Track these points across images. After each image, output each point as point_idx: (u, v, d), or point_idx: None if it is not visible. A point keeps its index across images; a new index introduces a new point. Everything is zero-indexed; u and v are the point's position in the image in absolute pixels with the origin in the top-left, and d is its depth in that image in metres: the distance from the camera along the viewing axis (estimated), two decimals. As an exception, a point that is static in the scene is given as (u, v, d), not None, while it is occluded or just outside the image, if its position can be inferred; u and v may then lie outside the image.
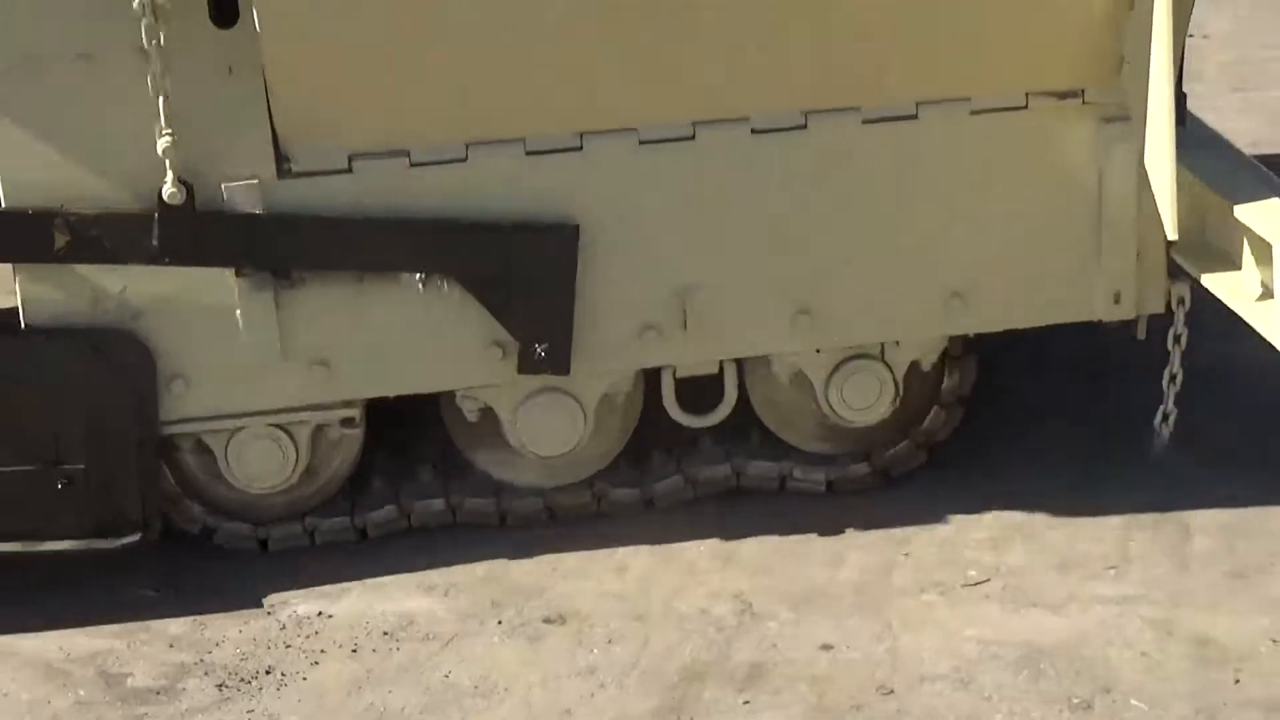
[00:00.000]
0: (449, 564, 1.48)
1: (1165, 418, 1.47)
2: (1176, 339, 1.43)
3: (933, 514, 1.52)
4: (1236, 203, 1.33)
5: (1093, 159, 1.40)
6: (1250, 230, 1.29)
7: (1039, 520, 1.49)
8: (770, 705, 1.22)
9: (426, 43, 1.28)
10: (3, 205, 1.37)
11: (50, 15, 1.30)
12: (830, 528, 1.51)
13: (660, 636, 1.33)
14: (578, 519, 1.54)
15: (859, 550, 1.47)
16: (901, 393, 1.51)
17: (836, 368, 1.48)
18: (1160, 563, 1.40)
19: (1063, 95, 1.39)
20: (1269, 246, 1.25)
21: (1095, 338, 1.59)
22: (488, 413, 1.46)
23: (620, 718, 1.21)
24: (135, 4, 1.22)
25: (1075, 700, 1.18)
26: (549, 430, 1.45)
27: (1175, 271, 1.44)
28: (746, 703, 1.23)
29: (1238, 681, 1.19)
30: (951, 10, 1.31)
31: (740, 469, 1.55)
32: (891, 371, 1.49)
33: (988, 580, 1.38)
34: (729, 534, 1.51)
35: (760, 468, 1.56)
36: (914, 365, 1.50)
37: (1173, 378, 1.45)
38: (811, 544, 1.49)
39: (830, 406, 1.49)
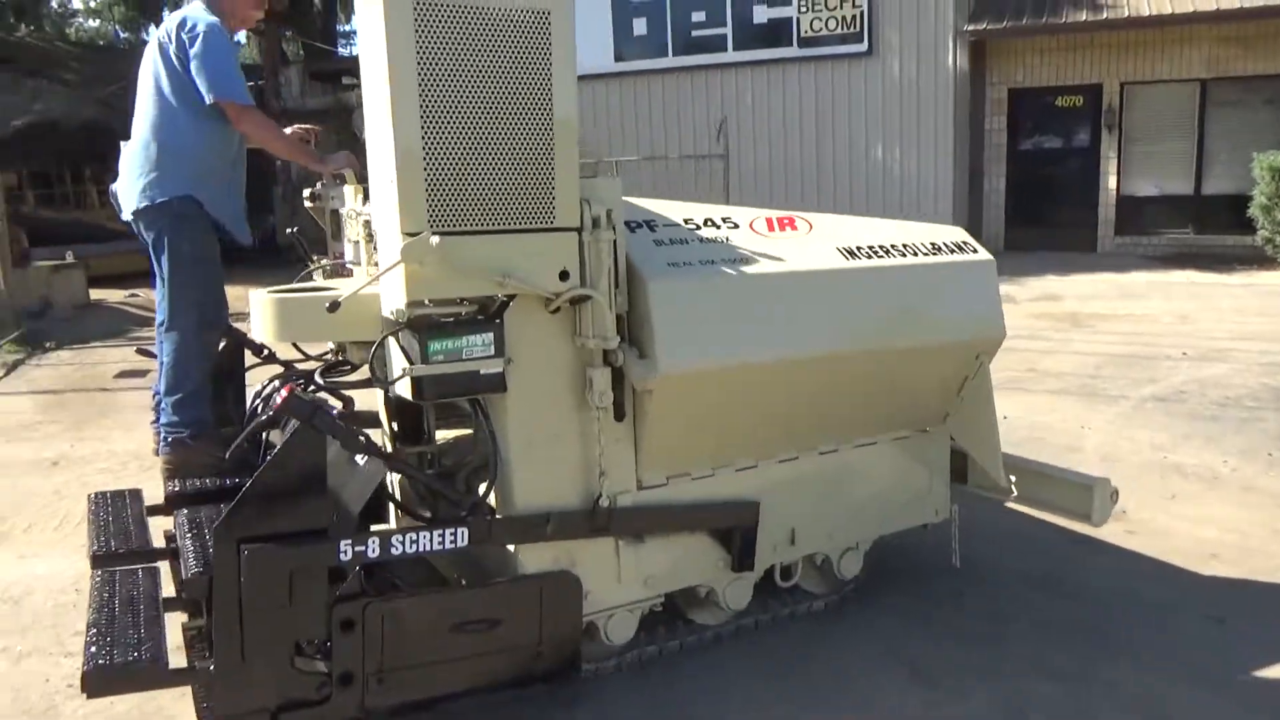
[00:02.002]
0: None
1: (956, 556, 3.34)
2: (954, 521, 3.34)
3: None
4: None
5: (928, 455, 3.26)
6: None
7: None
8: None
9: (721, 430, 2.79)
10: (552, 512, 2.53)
11: (544, 415, 2.59)
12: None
13: None
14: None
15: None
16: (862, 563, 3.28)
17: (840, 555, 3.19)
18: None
19: (922, 430, 3.23)
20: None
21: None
22: (711, 591, 2.98)
23: None
24: (594, 411, 2.53)
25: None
26: (737, 597, 3.01)
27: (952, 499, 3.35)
28: None
29: None
30: (904, 406, 3.09)
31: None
32: (859, 552, 3.22)
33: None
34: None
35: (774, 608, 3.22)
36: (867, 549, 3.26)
37: (954, 536, 3.35)
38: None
39: (838, 572, 3.19)
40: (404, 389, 2.40)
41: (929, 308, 2.97)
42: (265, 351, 3.30)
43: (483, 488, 2.58)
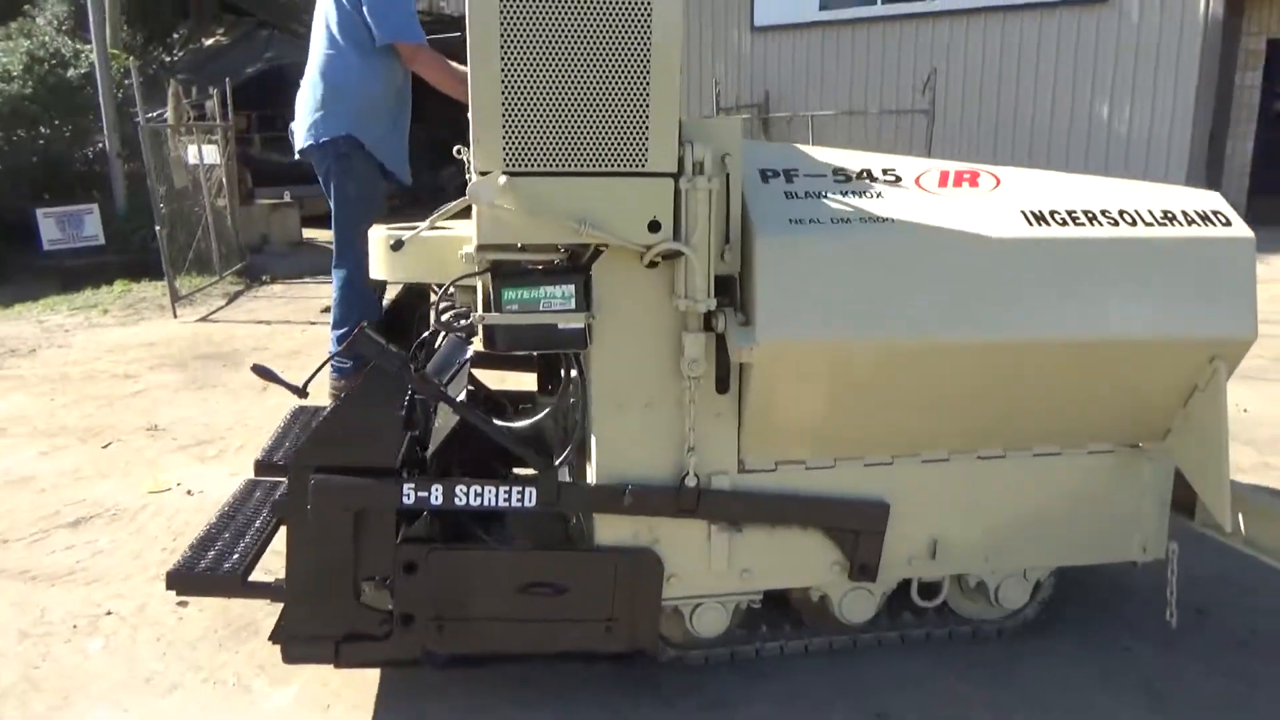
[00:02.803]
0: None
1: (1171, 613, 2.66)
2: (1172, 571, 2.69)
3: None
4: None
5: (1140, 478, 2.65)
6: None
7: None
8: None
9: (839, 415, 2.39)
10: (632, 484, 2.30)
11: (635, 379, 2.33)
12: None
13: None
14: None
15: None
16: (1032, 593, 2.78)
17: (1001, 580, 2.71)
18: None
19: (1131, 446, 2.62)
20: None
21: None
22: (824, 597, 2.64)
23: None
24: (686, 381, 2.28)
25: None
26: (856, 609, 2.64)
27: (1170, 536, 2.73)
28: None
29: None
30: (1100, 413, 2.51)
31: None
32: (1028, 581, 2.75)
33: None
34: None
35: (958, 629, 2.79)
36: (1038, 579, 2.77)
37: (1171, 591, 2.67)
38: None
39: (995, 600, 2.73)
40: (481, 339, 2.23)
41: (1146, 293, 2.35)
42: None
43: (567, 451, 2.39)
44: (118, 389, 5.42)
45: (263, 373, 2.21)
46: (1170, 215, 2.44)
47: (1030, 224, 2.36)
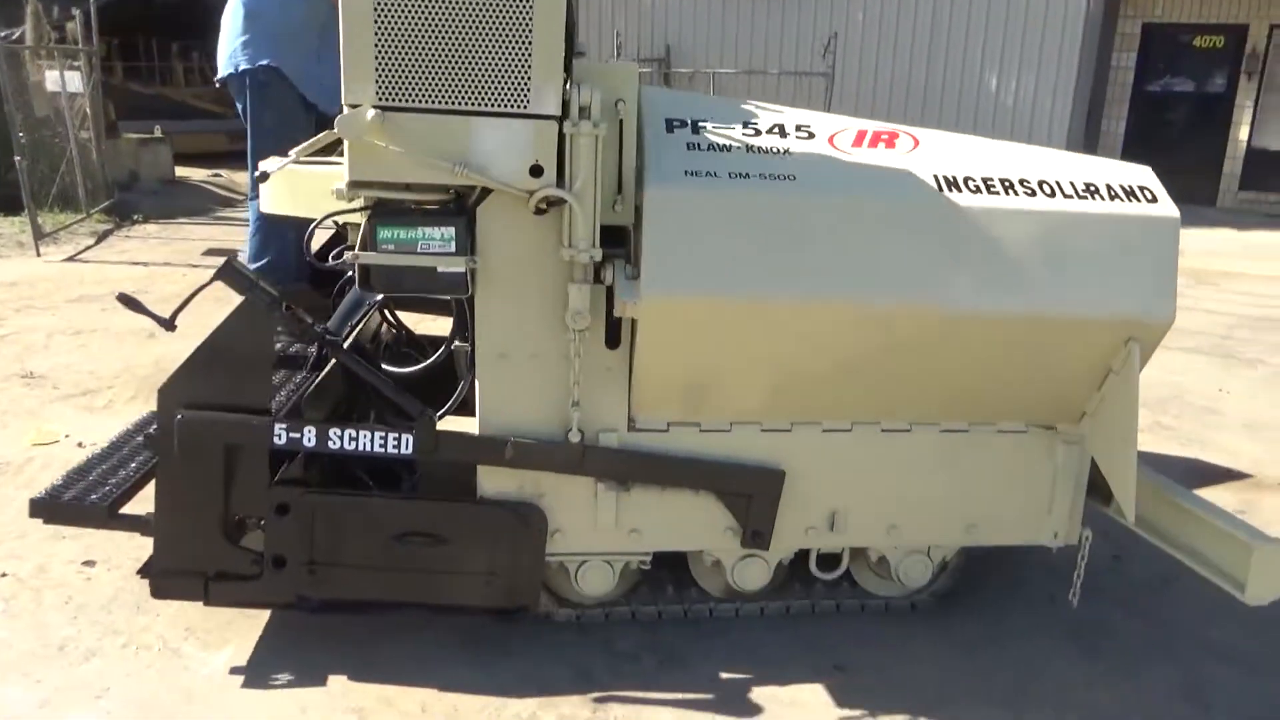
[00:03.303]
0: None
1: (1073, 594, 2.59)
2: (1082, 557, 2.61)
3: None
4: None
5: (1053, 461, 2.55)
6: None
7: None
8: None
9: (730, 377, 2.34)
10: (515, 437, 2.24)
11: (520, 329, 2.27)
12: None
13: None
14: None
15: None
16: (935, 572, 2.71)
17: (903, 557, 2.64)
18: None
19: (1046, 427, 2.52)
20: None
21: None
22: (717, 563, 2.59)
23: None
24: (571, 334, 2.21)
25: None
26: (749, 577, 2.59)
27: (1085, 522, 2.63)
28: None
29: None
30: (1009, 389, 2.40)
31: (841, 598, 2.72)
32: (931, 560, 2.68)
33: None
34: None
35: (849, 602, 2.73)
36: (943, 557, 2.70)
37: (1078, 576, 2.61)
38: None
39: (897, 577, 2.67)
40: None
41: (1060, 268, 2.24)
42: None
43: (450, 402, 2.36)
44: (-20, 332, 4.93)
45: (129, 302, 2.19)
46: (1093, 188, 2.31)
47: (941, 189, 2.25)
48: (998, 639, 2.67)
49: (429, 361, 2.41)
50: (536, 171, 2.08)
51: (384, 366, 2.54)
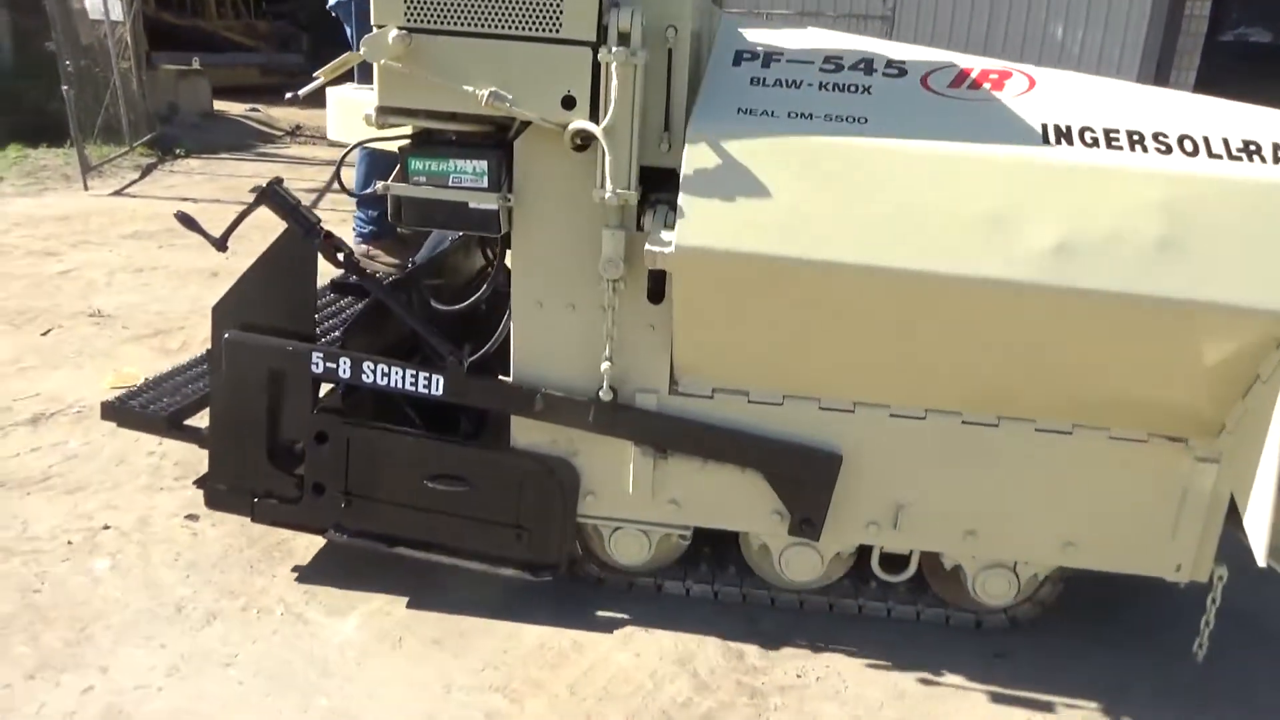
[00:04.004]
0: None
1: (1200, 646, 2.18)
2: (1212, 599, 2.17)
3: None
4: None
5: (1181, 481, 2.10)
6: None
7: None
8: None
9: (776, 345, 2.09)
10: (546, 389, 2.15)
11: (557, 276, 2.15)
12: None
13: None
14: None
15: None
16: (1021, 590, 2.33)
17: (982, 569, 2.29)
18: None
19: (1172, 439, 2.09)
20: None
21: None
22: (764, 547, 2.36)
23: None
24: (604, 284, 2.02)
25: None
26: (799, 567, 2.34)
27: (1218, 559, 2.16)
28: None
29: None
30: (1120, 387, 2.00)
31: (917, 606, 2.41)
32: (1018, 576, 2.31)
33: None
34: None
35: (930, 611, 2.41)
36: (1033, 575, 2.32)
37: (1207, 623, 2.18)
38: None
39: (974, 590, 2.33)
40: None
41: (1194, 243, 1.80)
42: None
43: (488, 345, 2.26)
44: (40, 267, 4.77)
45: (186, 221, 2.25)
46: (1253, 148, 1.84)
47: (1049, 142, 1.87)
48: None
49: (470, 301, 2.32)
50: (569, 103, 1.92)
51: (433, 304, 2.49)
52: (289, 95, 2.21)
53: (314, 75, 2.06)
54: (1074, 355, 1.96)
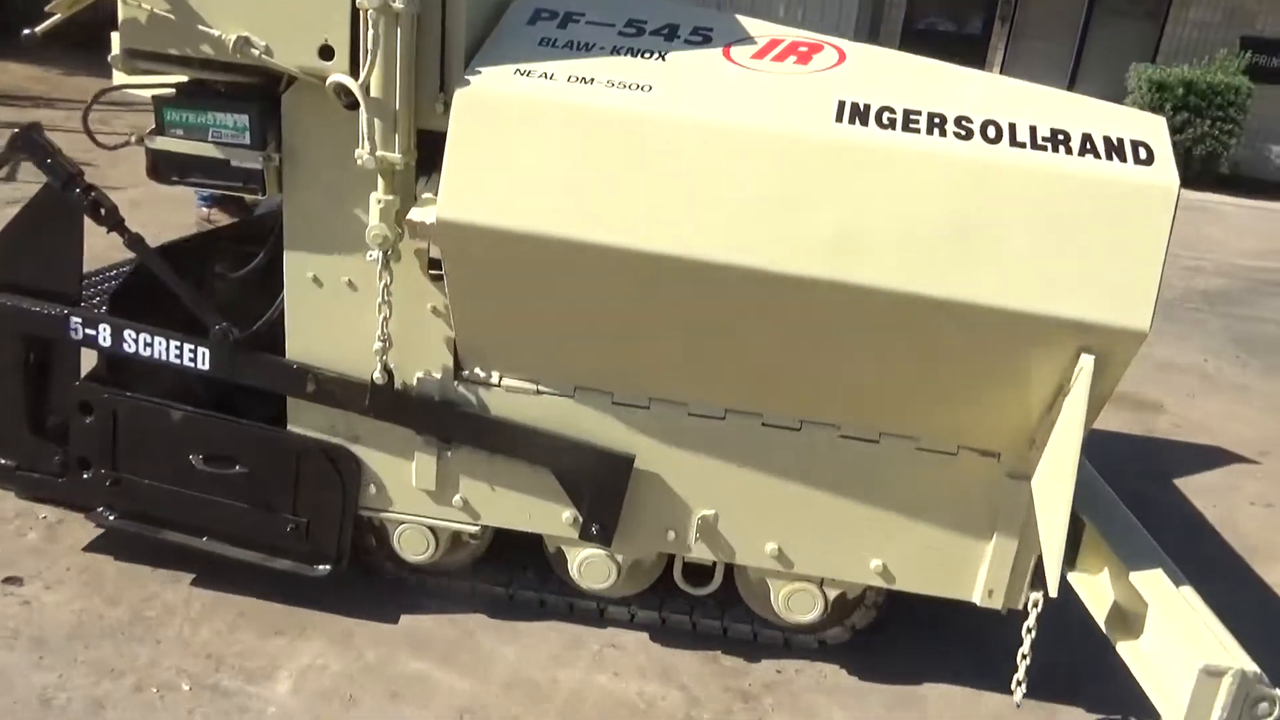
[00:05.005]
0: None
1: (1018, 683, 1.98)
2: (1028, 629, 2.01)
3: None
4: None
5: (992, 499, 1.94)
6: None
7: None
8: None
9: (553, 331, 1.91)
10: (319, 369, 2.00)
11: (333, 248, 1.97)
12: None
13: None
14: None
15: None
16: (829, 610, 2.15)
17: (785, 584, 2.11)
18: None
19: (983, 453, 1.92)
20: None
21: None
22: (560, 551, 2.17)
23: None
24: (370, 256, 1.83)
25: None
26: (594, 575, 2.15)
27: (1034, 584, 1.99)
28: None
29: None
30: (921, 392, 1.85)
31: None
32: (824, 595, 2.14)
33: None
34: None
35: (737, 627, 2.25)
36: (840, 595, 2.15)
37: (1023, 655, 1.99)
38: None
39: (776, 607, 2.16)
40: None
41: (989, 238, 1.64)
42: None
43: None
44: None
45: None
46: (1062, 137, 1.68)
47: (840, 121, 1.70)
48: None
49: (247, 269, 2.15)
50: (326, 53, 1.76)
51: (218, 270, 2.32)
52: (26, 33, 2.03)
53: (47, 10, 1.88)
54: (861, 356, 1.79)
